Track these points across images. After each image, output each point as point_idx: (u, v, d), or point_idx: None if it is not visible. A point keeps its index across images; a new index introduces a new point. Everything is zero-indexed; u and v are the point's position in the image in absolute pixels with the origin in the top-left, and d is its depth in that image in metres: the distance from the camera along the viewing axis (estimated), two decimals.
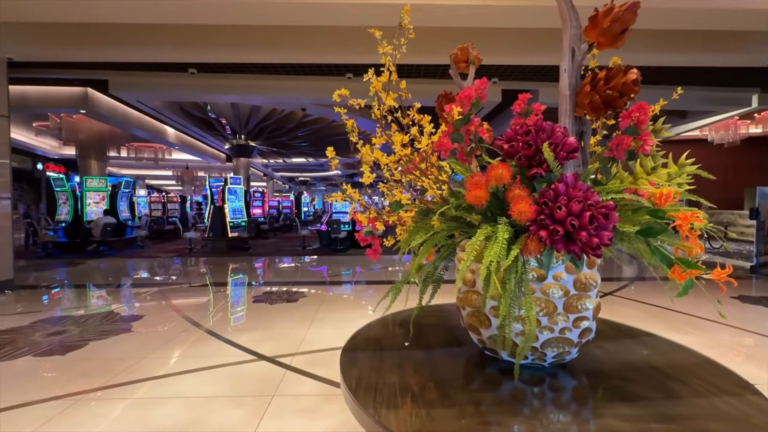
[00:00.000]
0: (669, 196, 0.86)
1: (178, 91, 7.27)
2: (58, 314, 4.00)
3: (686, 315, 3.77)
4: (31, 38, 5.14)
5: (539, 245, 0.91)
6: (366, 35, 4.43)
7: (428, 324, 1.52)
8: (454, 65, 1.53)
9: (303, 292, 4.91)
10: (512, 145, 1.02)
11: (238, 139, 13.06)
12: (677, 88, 1.24)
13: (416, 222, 1.15)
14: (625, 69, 0.99)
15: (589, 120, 1.14)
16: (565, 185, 0.91)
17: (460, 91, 1.16)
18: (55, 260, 8.03)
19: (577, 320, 1.03)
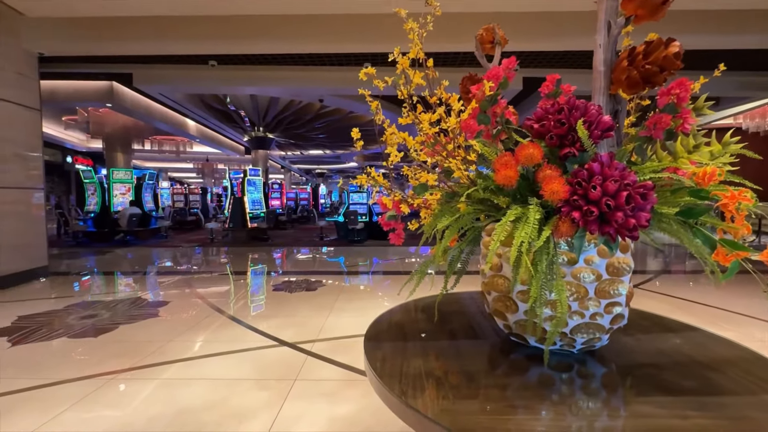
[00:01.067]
0: (713, 174, 0.81)
1: (199, 84, 7.39)
2: (89, 299, 4.18)
3: (716, 309, 3.63)
4: (60, 33, 5.30)
5: (572, 227, 0.88)
6: (385, 22, 4.44)
7: (451, 310, 1.50)
8: (479, 46, 1.49)
9: (321, 282, 4.96)
10: (543, 124, 0.98)
11: (257, 131, 13.21)
12: (715, 70, 1.17)
13: (442, 205, 1.13)
14: (667, 41, 0.93)
15: (624, 98, 1.09)
16: (600, 164, 0.87)
17: (488, 71, 1.13)
18: (85, 249, 8.37)
19: (609, 306, 0.99)
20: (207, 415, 1.91)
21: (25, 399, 2.07)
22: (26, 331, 3.10)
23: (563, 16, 4.72)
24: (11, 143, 5.07)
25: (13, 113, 5.08)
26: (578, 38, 5.06)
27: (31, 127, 5.41)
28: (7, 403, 2.03)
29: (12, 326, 3.24)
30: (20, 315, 3.53)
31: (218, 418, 1.88)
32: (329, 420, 1.87)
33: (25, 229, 5.24)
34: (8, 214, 4.98)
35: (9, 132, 5.03)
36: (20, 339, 2.92)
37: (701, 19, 4.90)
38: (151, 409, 1.96)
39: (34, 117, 5.47)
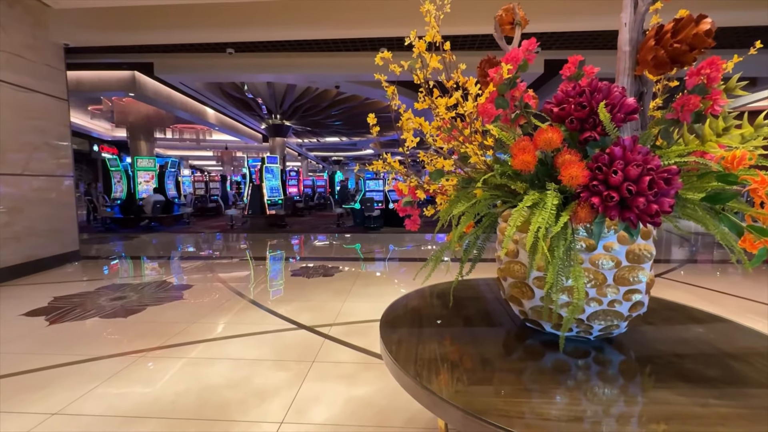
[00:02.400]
0: (744, 158, 0.78)
1: (218, 72, 7.47)
2: (118, 282, 4.37)
3: (745, 300, 3.50)
4: (84, 24, 5.43)
5: (591, 213, 0.86)
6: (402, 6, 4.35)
7: (466, 296, 1.51)
8: (498, 28, 1.45)
9: (338, 268, 5.03)
10: (563, 107, 0.96)
11: (274, 119, 13.31)
12: (750, 48, 1.10)
13: (458, 191, 1.13)
14: (697, 18, 0.89)
15: (651, 80, 1.05)
16: (622, 149, 0.85)
17: (507, 53, 1.10)
18: (113, 234, 8.72)
19: (628, 293, 0.98)
20: (230, 392, 2.00)
21: (63, 374, 2.21)
22: (62, 311, 3.29)
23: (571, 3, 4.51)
24: (42, 133, 5.28)
25: (42, 103, 5.27)
26: (602, 18, 4.84)
27: (59, 117, 5.60)
28: (46, 378, 2.17)
29: (49, 306, 3.43)
30: (55, 296, 3.74)
31: (241, 396, 1.96)
32: (346, 400, 1.92)
33: (57, 214, 5.49)
34: (41, 200, 5.23)
35: (39, 122, 5.24)
36: (57, 318, 3.10)
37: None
38: (178, 386, 2.06)
39: (62, 107, 5.67)
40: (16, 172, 4.87)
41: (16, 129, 4.88)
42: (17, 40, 4.90)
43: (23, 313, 3.23)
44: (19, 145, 4.92)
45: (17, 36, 4.90)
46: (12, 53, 4.82)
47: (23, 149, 4.99)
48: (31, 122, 5.11)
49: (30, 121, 5.09)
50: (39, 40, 5.22)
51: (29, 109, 5.08)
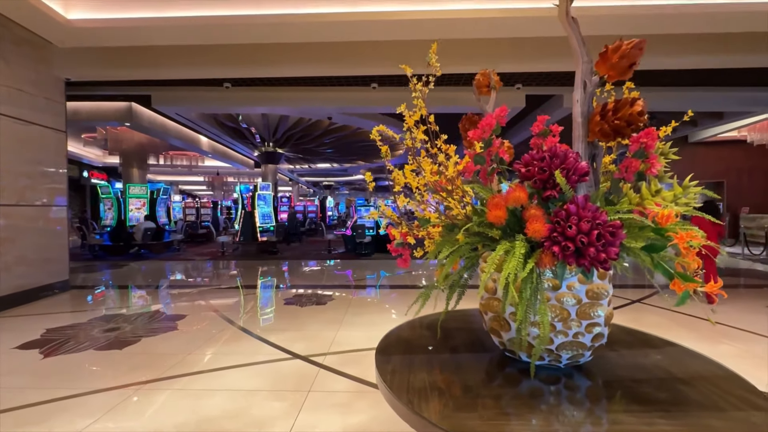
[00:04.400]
0: (670, 216, 0.97)
1: (214, 104, 7.72)
2: (111, 313, 4.38)
3: (719, 325, 3.70)
4: (85, 60, 5.65)
5: (553, 259, 1.04)
6: (389, 49, 4.73)
7: (453, 327, 1.65)
8: (476, 90, 1.67)
9: (330, 295, 5.11)
10: (529, 169, 1.15)
11: (267, 146, 13.56)
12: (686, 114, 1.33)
13: (443, 236, 1.30)
14: (632, 101, 1.10)
15: (600, 144, 1.25)
16: (576, 206, 1.04)
17: (482, 119, 1.30)
18: (102, 262, 8.64)
19: (590, 326, 1.14)
20: (228, 423, 2.06)
21: (62, 408, 2.24)
22: (55, 343, 3.30)
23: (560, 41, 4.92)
24: (38, 164, 5.38)
25: (41, 136, 5.39)
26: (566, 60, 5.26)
27: (56, 148, 5.72)
28: (45, 412, 2.20)
29: (42, 339, 3.43)
30: (48, 328, 3.74)
31: (239, 427, 2.03)
32: (342, 429, 2.00)
33: (48, 243, 5.50)
34: (33, 230, 5.25)
35: (37, 153, 5.34)
36: (51, 351, 3.11)
37: (698, 41, 5.08)
38: (177, 418, 2.12)
39: (60, 138, 5.79)
40: (11, 203, 4.92)
41: (14, 161, 4.97)
42: (21, 75, 5.07)
43: (16, 346, 3.23)
44: (15, 177, 4.99)
45: (21, 71, 5.07)
46: (14, 88, 4.98)
47: (20, 180, 5.06)
48: (29, 154, 5.22)
49: (28, 153, 5.19)
50: (41, 75, 5.40)
51: (28, 141, 5.19)
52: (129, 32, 4.81)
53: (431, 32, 4.79)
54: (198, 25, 4.62)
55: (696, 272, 0.94)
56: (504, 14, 4.28)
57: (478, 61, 5.35)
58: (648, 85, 6.93)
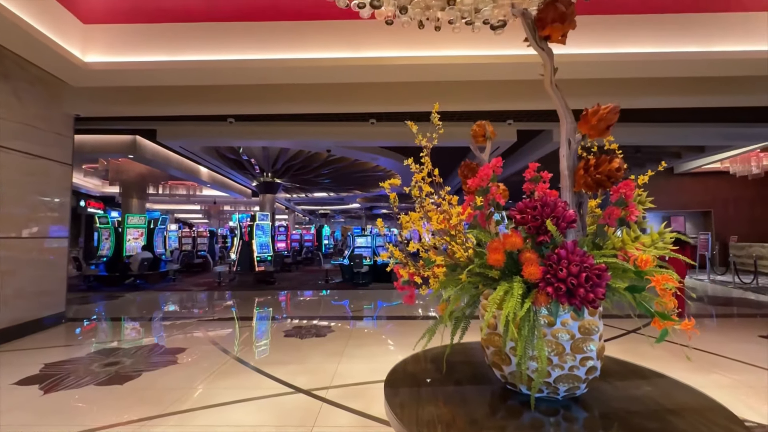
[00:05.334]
0: (648, 261, 1.10)
1: (218, 138, 7.97)
2: (110, 346, 4.35)
3: (713, 355, 3.77)
4: (96, 98, 5.89)
5: (547, 298, 1.16)
6: (387, 90, 5.05)
7: (457, 361, 1.74)
8: (473, 139, 1.85)
9: (330, 327, 5.12)
10: (523, 216, 1.29)
11: (266, 176, 13.80)
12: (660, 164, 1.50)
13: (447, 275, 1.42)
14: (611, 158, 1.26)
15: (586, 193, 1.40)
16: (565, 251, 1.17)
17: (480, 170, 1.46)
18: (97, 293, 8.56)
19: (583, 360, 1.24)
20: None
21: None
22: (55, 378, 3.28)
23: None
24: (43, 196, 5.48)
25: (48, 169, 5.53)
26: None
27: (62, 181, 5.84)
28: None
29: (41, 374, 3.41)
30: (46, 363, 3.71)
31: None
32: None
33: (47, 276, 5.50)
34: (34, 262, 5.27)
35: (43, 186, 5.45)
36: (51, 387, 3.09)
37: (679, 84, 5.46)
38: None
39: (66, 171, 5.93)
40: (14, 235, 4.97)
41: (20, 194, 5.07)
42: (32, 112, 5.26)
43: (15, 382, 3.21)
44: (20, 209, 5.07)
45: (33, 108, 5.27)
46: (26, 124, 5.16)
47: (24, 213, 5.14)
48: (35, 187, 5.33)
49: (34, 186, 5.31)
50: (53, 112, 5.60)
51: (35, 174, 5.31)
52: (140, 73, 5.07)
53: (427, 75, 5.11)
54: (205, 68, 4.90)
55: (673, 311, 1.06)
56: (495, 60, 4.61)
57: (472, 101, 5.68)
58: (634, 121, 7.31)
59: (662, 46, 4.63)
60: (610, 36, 4.66)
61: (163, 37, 4.82)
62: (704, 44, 4.60)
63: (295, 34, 4.73)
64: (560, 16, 1.21)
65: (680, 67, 4.92)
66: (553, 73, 1.35)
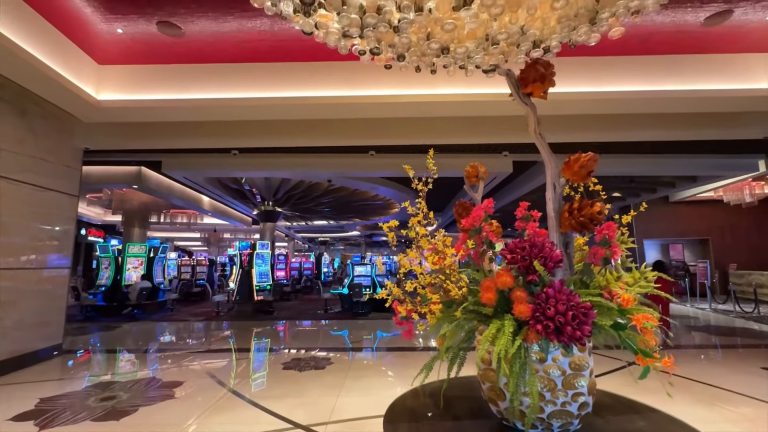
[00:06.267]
0: (629, 300, 1.18)
1: (221, 169, 8.17)
2: (106, 380, 4.30)
3: (714, 387, 3.74)
4: (106, 132, 6.10)
5: (537, 335, 1.22)
6: (386, 125, 5.27)
7: (454, 395, 1.77)
8: (466, 180, 1.97)
9: (329, 359, 5.07)
10: (513, 256, 1.38)
11: (266, 205, 13.96)
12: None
13: (443, 312, 1.48)
14: (592, 202, 1.36)
15: (572, 233, 1.50)
16: (553, 290, 1.25)
17: (471, 212, 1.56)
18: (93, 323, 8.47)
19: (575, 395, 1.29)
20: None
21: None
22: (51, 414, 3.24)
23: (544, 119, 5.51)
24: (49, 227, 5.56)
25: (55, 200, 5.65)
26: (556, 134, 5.83)
27: (68, 212, 5.95)
28: None
29: (36, 409, 3.37)
30: (41, 397, 3.66)
31: None
32: None
33: (47, 306, 5.49)
34: (35, 292, 5.28)
35: (49, 218, 5.55)
36: (46, 423, 3.05)
37: (675, 120, 5.71)
38: None
39: (72, 202, 6.05)
40: (17, 266, 5.02)
41: (26, 225, 5.16)
42: (44, 146, 5.44)
43: (10, 418, 3.17)
44: (26, 240, 5.15)
45: (45, 142, 5.45)
46: (38, 157, 5.33)
47: (29, 244, 5.20)
48: (42, 218, 5.43)
49: (41, 218, 5.40)
50: (64, 145, 5.79)
51: (42, 206, 5.42)
52: (149, 110, 5.30)
53: (425, 111, 5.34)
54: (212, 105, 5.13)
55: (655, 348, 1.12)
56: (489, 98, 4.84)
57: (468, 136, 5.90)
58: (627, 152, 7.53)
59: (649, 85, 4.89)
60: (600, 76, 4.92)
61: (172, 76, 5.08)
62: (687, 84, 4.85)
63: (298, 74, 4.99)
64: (540, 76, 1.35)
65: (667, 104, 5.17)
66: (537, 124, 1.48)
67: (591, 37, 1.96)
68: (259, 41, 4.62)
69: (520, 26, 2.00)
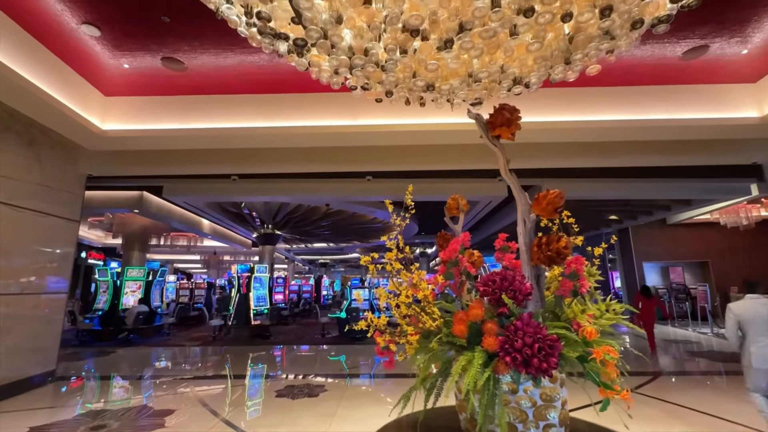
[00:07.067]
0: (593, 333, 1.23)
1: (222, 194, 8.31)
2: (97, 408, 4.26)
3: (709, 416, 3.68)
4: (109, 159, 6.27)
5: (506, 367, 1.27)
6: (382, 152, 5.44)
7: (437, 426, 1.78)
8: (447, 212, 2.05)
9: (324, 386, 5.01)
10: (486, 289, 1.44)
11: (266, 228, 14.05)
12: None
13: (420, 342, 1.53)
14: (558, 237, 1.44)
15: (543, 267, 1.56)
16: (521, 322, 1.31)
17: (450, 244, 1.63)
18: (88, 348, 8.39)
19: (546, 427, 1.32)
20: None
21: None
22: None
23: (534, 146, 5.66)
24: (48, 253, 5.64)
25: (56, 226, 5.74)
26: (551, 160, 5.97)
27: (68, 237, 6.03)
28: None
29: None
30: (32, 426, 3.63)
31: None
32: None
33: (43, 332, 5.49)
34: (32, 318, 5.29)
35: (50, 243, 5.64)
36: None
37: (666, 146, 5.86)
38: None
39: (73, 227, 6.14)
40: (16, 292, 5.06)
41: (27, 250, 5.24)
42: (49, 173, 5.59)
43: None
44: (25, 265, 5.21)
45: (50, 170, 5.61)
46: (42, 184, 5.46)
47: (28, 270, 5.26)
48: (42, 243, 5.51)
49: (41, 243, 5.49)
50: (68, 173, 5.95)
51: (43, 231, 5.51)
52: (152, 139, 5.49)
53: (419, 139, 5.51)
54: (213, 134, 5.32)
55: (616, 381, 1.17)
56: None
57: (461, 161, 6.05)
58: (622, 176, 7.66)
59: (635, 114, 5.06)
60: (587, 106, 5.10)
61: (174, 107, 5.29)
62: (671, 113, 5.02)
63: (296, 105, 5.19)
64: (507, 121, 1.46)
65: (653, 132, 5.32)
66: (506, 163, 1.57)
67: (568, 75, 2.10)
68: (258, 74, 4.83)
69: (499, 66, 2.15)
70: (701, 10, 3.56)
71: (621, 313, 1.42)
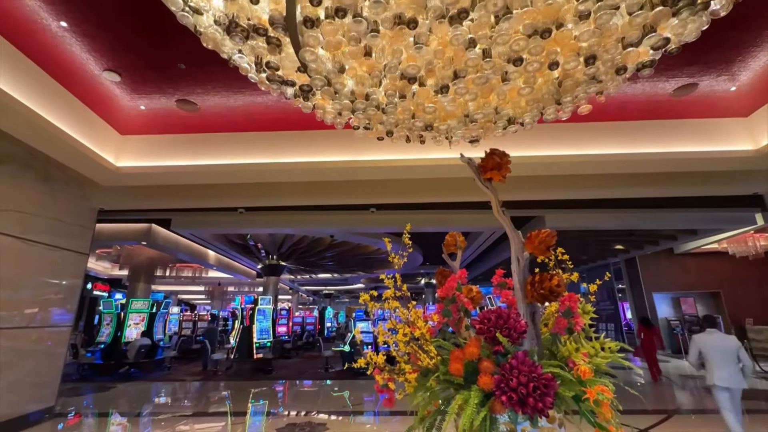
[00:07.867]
0: (587, 372, 1.26)
1: (228, 226, 8.46)
2: None
3: None
4: (120, 194, 6.47)
5: (503, 406, 1.29)
6: (385, 186, 5.58)
7: None
8: (445, 248, 2.11)
9: (326, 425, 4.88)
10: (481, 327, 1.48)
11: (271, 259, 14.10)
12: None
13: (418, 380, 1.55)
14: (550, 277, 1.49)
15: (538, 304, 1.60)
16: (516, 361, 1.33)
17: (446, 282, 1.68)
18: (88, 383, 8.26)
19: None
20: None
21: None
22: None
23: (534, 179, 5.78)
24: (56, 286, 5.70)
25: (66, 259, 5.84)
26: (551, 192, 6.06)
27: (77, 270, 6.12)
28: None
29: None
30: None
31: None
32: None
33: (46, 366, 5.44)
34: (35, 352, 5.27)
35: (58, 276, 5.72)
36: None
37: (669, 178, 5.93)
38: None
39: (82, 260, 6.24)
40: (21, 325, 5.08)
41: (36, 284, 5.31)
42: (62, 208, 5.76)
43: None
44: (32, 298, 5.25)
45: (64, 204, 5.78)
46: (55, 219, 5.62)
47: (34, 303, 5.31)
48: (51, 275, 5.59)
49: (50, 275, 5.57)
50: (81, 207, 6.12)
51: (54, 264, 5.60)
52: (164, 175, 5.69)
53: (421, 174, 5.66)
54: (221, 170, 5.52)
55: (611, 422, 1.18)
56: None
57: (463, 194, 6.15)
58: (625, 207, 7.70)
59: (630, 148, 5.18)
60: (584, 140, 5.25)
61: (186, 145, 5.52)
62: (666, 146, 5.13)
63: (302, 141, 5.40)
64: (497, 165, 1.55)
65: (651, 165, 5.41)
66: (499, 204, 1.65)
67: (560, 115, 2.22)
68: (266, 113, 5.07)
69: (494, 107, 2.28)
70: (686, 52, 3.72)
71: (616, 351, 1.44)
